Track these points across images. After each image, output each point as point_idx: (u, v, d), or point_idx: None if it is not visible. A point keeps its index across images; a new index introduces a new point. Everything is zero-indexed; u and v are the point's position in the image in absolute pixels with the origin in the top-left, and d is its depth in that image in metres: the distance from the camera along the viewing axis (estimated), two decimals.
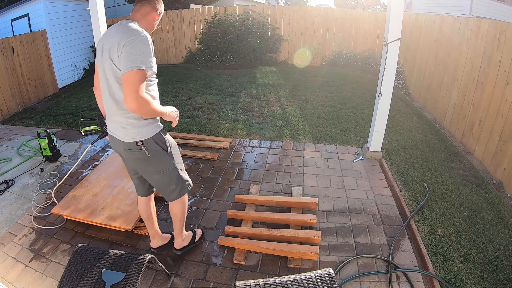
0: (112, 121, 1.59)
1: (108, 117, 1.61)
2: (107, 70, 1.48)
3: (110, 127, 1.63)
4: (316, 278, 1.36)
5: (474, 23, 3.75)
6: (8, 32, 6.21)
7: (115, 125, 1.58)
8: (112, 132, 1.63)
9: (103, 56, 1.48)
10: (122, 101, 1.49)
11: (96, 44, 1.62)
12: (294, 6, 8.98)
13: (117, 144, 1.63)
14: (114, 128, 1.60)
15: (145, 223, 2.07)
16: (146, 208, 2.00)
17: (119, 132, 1.57)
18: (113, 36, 1.43)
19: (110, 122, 1.62)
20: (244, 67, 7.66)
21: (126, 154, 1.62)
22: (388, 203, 2.65)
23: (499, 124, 3.11)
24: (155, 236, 2.11)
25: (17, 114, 5.10)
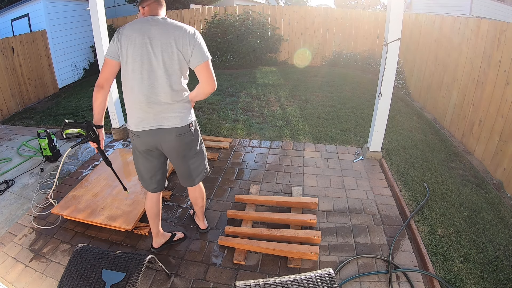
0: (158, 113, 1.62)
1: (152, 110, 1.61)
2: (169, 63, 1.57)
3: (155, 122, 1.63)
4: (316, 278, 1.36)
5: (474, 23, 3.75)
6: (8, 32, 6.22)
7: (166, 113, 1.63)
8: (156, 125, 1.64)
9: (159, 51, 1.54)
10: (180, 89, 1.65)
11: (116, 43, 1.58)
12: (294, 6, 8.98)
13: (165, 136, 1.67)
14: (160, 118, 1.63)
15: (153, 221, 2.05)
16: (157, 204, 2.01)
17: (174, 121, 1.66)
18: (170, 33, 1.55)
19: (152, 116, 1.62)
20: (244, 67, 7.66)
21: (177, 141, 1.70)
22: (388, 203, 2.65)
23: (499, 124, 3.11)
24: (158, 234, 2.12)
25: (17, 114, 5.10)
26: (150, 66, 1.56)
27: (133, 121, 1.66)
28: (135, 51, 1.55)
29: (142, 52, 1.55)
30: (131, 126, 1.68)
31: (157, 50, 1.54)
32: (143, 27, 1.56)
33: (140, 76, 1.57)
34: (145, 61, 1.55)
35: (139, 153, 1.79)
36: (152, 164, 1.83)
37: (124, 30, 1.57)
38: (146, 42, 1.54)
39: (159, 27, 1.56)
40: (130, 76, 1.58)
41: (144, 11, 1.70)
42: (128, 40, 1.55)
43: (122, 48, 1.56)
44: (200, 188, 2.07)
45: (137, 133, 1.67)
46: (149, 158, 1.80)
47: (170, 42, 1.54)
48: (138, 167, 1.88)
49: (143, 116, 1.63)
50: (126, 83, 1.62)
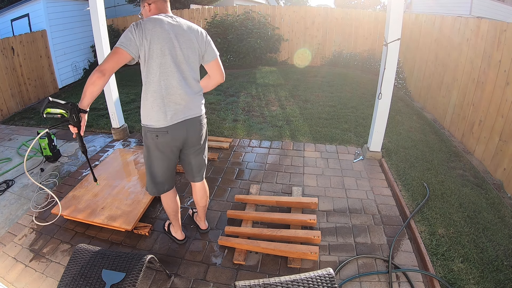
0: (187, 104, 1.69)
1: (183, 102, 1.67)
2: (192, 58, 1.68)
3: (184, 112, 1.69)
4: (316, 278, 1.36)
5: (474, 23, 3.75)
6: (8, 32, 6.22)
7: (192, 103, 1.72)
8: (186, 115, 1.70)
9: (184, 47, 1.63)
10: (199, 81, 1.77)
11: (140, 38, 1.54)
12: (294, 6, 8.98)
13: (192, 125, 1.75)
14: (188, 108, 1.71)
15: (175, 216, 2.09)
16: (177, 199, 2.06)
17: (197, 110, 1.76)
18: (188, 30, 1.66)
19: (182, 108, 1.67)
20: (244, 67, 7.66)
21: (200, 129, 1.82)
22: (388, 203, 2.65)
23: (499, 124, 3.11)
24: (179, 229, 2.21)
25: (17, 114, 5.10)
26: (178, 61, 1.62)
27: (162, 117, 1.64)
28: (163, 46, 1.56)
29: (169, 46, 1.58)
30: (159, 123, 1.65)
31: (183, 45, 1.62)
32: (165, 23, 1.59)
33: (171, 70, 1.61)
34: (173, 55, 1.60)
35: (160, 153, 1.75)
36: (170, 163, 1.83)
37: (147, 25, 1.54)
38: (172, 38, 1.59)
39: (180, 24, 1.65)
40: (159, 71, 1.58)
41: (150, 8, 1.69)
42: (153, 34, 1.54)
43: (147, 42, 1.54)
44: (206, 184, 2.14)
45: (165, 128, 1.66)
46: (170, 155, 1.79)
47: (191, 39, 1.66)
48: (155, 170, 1.82)
49: (176, 108, 1.66)
50: (153, 78, 1.59)
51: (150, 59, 1.57)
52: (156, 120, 1.65)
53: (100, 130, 4.19)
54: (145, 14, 1.72)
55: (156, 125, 1.66)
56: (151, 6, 1.69)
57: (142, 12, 1.74)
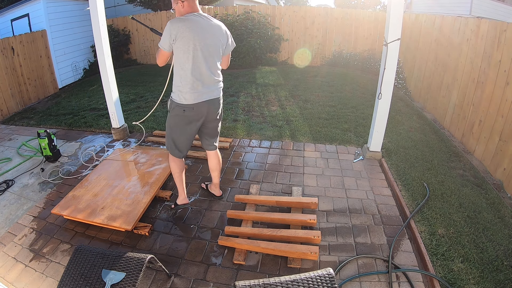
0: (211, 87, 2.11)
1: (208, 86, 2.08)
2: (218, 51, 2.08)
3: (209, 94, 2.10)
4: (316, 278, 1.36)
5: (474, 23, 3.75)
6: (8, 32, 6.22)
7: (214, 87, 2.13)
8: (209, 96, 2.11)
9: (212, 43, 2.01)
10: (220, 69, 2.18)
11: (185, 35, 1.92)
12: (294, 6, 8.98)
13: (212, 104, 2.16)
14: (212, 91, 2.12)
15: (180, 177, 2.41)
16: (183, 162, 2.42)
17: (217, 92, 2.18)
18: (215, 28, 2.04)
19: (207, 90, 2.09)
20: (244, 67, 7.66)
21: (218, 107, 2.23)
22: (388, 203, 2.65)
23: (499, 124, 3.11)
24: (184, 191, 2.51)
25: (17, 114, 5.10)
26: (206, 55, 1.99)
27: (191, 97, 2.04)
28: (196, 42, 1.93)
29: (201, 43, 1.95)
30: (188, 100, 2.05)
31: (211, 42, 2.00)
32: (199, 22, 1.95)
33: (201, 62, 1.99)
34: (204, 50, 1.97)
35: (185, 124, 2.15)
36: (192, 132, 2.22)
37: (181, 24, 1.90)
38: (203, 35, 1.95)
39: (208, 23, 2.00)
40: (192, 62, 1.97)
41: (183, 5, 1.98)
42: (187, 33, 1.90)
43: (182, 41, 1.91)
44: (219, 153, 2.55)
45: (192, 105, 2.07)
46: (191, 127, 2.19)
47: (218, 36, 2.05)
48: (179, 138, 2.23)
49: (202, 91, 2.06)
50: (188, 68, 1.98)
51: (185, 52, 1.94)
52: (185, 98, 2.04)
53: (100, 130, 4.19)
54: (178, 10, 2.01)
55: (185, 102, 2.05)
56: (184, 3, 1.97)
57: (175, 7, 2.01)
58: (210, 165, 2.58)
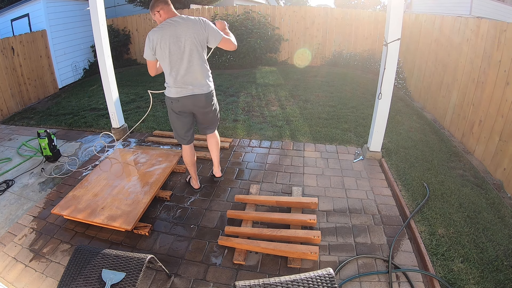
0: (193, 84, 2.26)
1: (193, 83, 2.26)
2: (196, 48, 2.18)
3: (191, 90, 2.27)
4: (316, 278, 1.36)
5: (474, 23, 3.75)
6: (8, 32, 6.22)
7: (199, 84, 2.28)
8: (192, 92, 2.28)
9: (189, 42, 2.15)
10: (204, 63, 2.29)
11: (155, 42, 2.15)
12: (294, 6, 8.98)
13: (197, 100, 2.32)
14: (193, 88, 2.27)
15: (192, 169, 2.70)
16: (194, 153, 2.67)
17: (203, 88, 2.31)
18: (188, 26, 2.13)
19: (190, 87, 2.26)
20: (244, 67, 7.66)
21: (205, 102, 2.37)
22: (388, 203, 2.65)
23: (499, 124, 3.11)
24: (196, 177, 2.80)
25: (17, 114, 5.10)
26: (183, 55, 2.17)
27: (174, 91, 2.28)
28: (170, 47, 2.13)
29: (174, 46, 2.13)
30: (172, 94, 2.30)
31: (186, 41, 2.13)
32: (167, 29, 2.11)
33: (178, 63, 2.18)
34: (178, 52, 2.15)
35: (176, 113, 2.40)
36: (185, 122, 2.45)
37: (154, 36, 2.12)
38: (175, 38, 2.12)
39: (181, 23, 2.13)
40: (170, 65, 2.19)
41: (160, 14, 2.16)
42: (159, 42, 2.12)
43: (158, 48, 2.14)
44: (217, 134, 2.75)
45: (176, 98, 2.30)
46: (184, 117, 2.43)
47: (192, 33, 2.14)
48: (175, 126, 2.50)
49: (182, 87, 2.26)
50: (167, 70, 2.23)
51: (163, 58, 2.19)
52: (171, 92, 2.30)
53: (100, 130, 4.19)
54: (157, 20, 2.19)
55: (170, 95, 2.31)
56: (160, 12, 2.16)
57: (155, 19, 2.20)
58: (209, 147, 2.79)
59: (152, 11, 2.18)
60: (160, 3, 2.16)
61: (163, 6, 2.16)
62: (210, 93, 2.39)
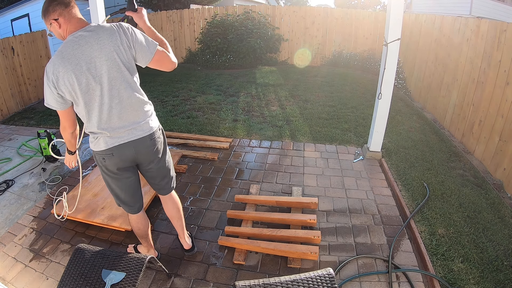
0: (131, 125, 1.53)
1: (126, 125, 1.52)
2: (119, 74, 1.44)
3: (128, 135, 1.53)
4: (316, 278, 1.36)
5: (474, 23, 3.75)
6: (8, 32, 6.22)
7: (134, 123, 1.53)
8: (131, 136, 1.54)
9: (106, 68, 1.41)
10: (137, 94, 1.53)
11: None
12: (294, 6, 8.99)
13: (139, 146, 1.58)
14: (130, 130, 1.53)
15: (145, 239, 1.93)
16: (146, 221, 1.90)
17: (144, 127, 1.57)
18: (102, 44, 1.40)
19: (123, 131, 1.52)
20: (244, 67, 7.66)
21: (150, 147, 1.61)
22: (388, 203, 2.65)
23: (499, 124, 3.11)
24: (151, 248, 2.04)
25: (17, 114, 5.10)
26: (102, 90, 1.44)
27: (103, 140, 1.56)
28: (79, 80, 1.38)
29: (87, 78, 1.39)
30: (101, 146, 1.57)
31: (103, 66, 1.40)
32: (72, 52, 1.36)
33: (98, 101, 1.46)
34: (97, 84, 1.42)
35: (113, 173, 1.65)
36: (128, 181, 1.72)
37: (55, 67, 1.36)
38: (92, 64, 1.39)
39: (93, 39, 1.38)
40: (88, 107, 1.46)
41: (59, 24, 1.40)
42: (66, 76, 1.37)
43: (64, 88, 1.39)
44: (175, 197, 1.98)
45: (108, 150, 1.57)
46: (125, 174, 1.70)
47: (110, 49, 1.40)
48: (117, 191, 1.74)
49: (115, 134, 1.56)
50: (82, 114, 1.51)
51: (74, 100, 1.45)
52: (98, 144, 1.54)
53: None
54: (58, 35, 1.45)
55: (99, 148, 1.54)
56: (59, 22, 1.39)
57: (51, 30, 1.44)
58: (166, 213, 1.98)
59: (47, 19, 1.40)
60: (56, 6, 1.37)
61: (61, 11, 1.38)
62: (155, 133, 1.62)
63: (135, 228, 1.88)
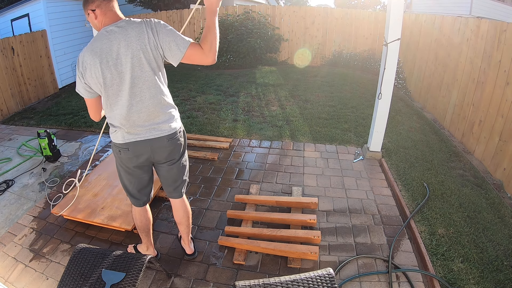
0: (150, 124, 1.54)
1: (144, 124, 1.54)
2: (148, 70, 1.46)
3: (144, 134, 1.55)
4: (316, 278, 1.36)
5: (474, 23, 3.75)
6: (8, 32, 6.21)
7: (154, 123, 1.55)
8: (146, 136, 1.56)
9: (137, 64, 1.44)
10: (167, 94, 1.57)
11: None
12: (294, 6, 8.98)
13: (155, 146, 1.59)
14: (148, 130, 1.55)
15: (146, 234, 1.95)
16: (149, 215, 1.92)
17: (162, 128, 1.57)
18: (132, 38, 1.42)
19: (141, 130, 1.54)
20: (244, 67, 7.66)
21: (167, 147, 1.63)
22: (388, 203, 2.65)
23: (499, 124, 3.11)
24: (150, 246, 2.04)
25: (17, 114, 5.10)
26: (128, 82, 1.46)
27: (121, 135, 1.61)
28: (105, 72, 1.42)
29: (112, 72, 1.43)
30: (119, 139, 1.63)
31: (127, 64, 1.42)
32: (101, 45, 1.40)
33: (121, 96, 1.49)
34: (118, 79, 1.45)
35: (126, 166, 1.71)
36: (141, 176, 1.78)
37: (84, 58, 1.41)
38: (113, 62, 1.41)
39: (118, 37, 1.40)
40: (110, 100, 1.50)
41: (96, 15, 1.44)
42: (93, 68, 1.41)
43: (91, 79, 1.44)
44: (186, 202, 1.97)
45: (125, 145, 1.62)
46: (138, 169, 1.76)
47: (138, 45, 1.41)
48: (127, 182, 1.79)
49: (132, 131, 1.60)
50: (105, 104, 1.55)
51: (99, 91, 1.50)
52: (116, 136, 1.57)
53: (100, 130, 4.18)
54: (94, 25, 1.49)
55: (117, 141, 1.58)
56: (96, 13, 1.43)
57: (89, 20, 1.49)
58: (175, 218, 1.98)
59: (85, 9, 1.45)
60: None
61: (100, 2, 1.42)
62: (175, 135, 1.63)
63: (137, 220, 1.90)
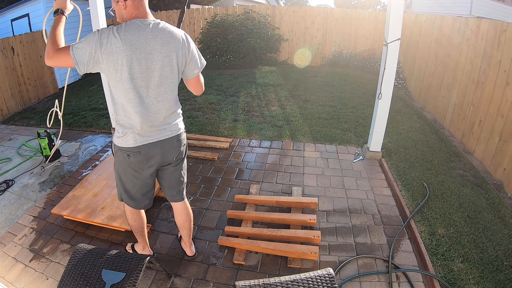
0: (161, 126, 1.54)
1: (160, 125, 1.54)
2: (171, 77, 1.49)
3: (159, 134, 1.54)
4: (316, 278, 1.36)
5: (474, 23, 3.75)
6: (8, 32, 6.22)
7: (166, 124, 1.56)
8: (160, 137, 1.55)
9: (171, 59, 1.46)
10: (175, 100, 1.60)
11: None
12: (294, 6, 8.98)
13: (167, 146, 1.59)
14: (163, 129, 1.56)
15: (140, 233, 1.93)
16: (142, 215, 1.90)
17: (173, 128, 1.60)
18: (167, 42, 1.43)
19: (156, 130, 1.53)
20: (244, 67, 7.66)
21: (175, 147, 1.64)
22: (388, 203, 2.65)
23: (499, 124, 3.11)
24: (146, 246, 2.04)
25: (17, 114, 5.10)
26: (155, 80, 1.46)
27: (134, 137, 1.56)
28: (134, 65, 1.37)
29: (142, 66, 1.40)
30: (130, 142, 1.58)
31: (160, 60, 1.43)
32: (141, 34, 1.36)
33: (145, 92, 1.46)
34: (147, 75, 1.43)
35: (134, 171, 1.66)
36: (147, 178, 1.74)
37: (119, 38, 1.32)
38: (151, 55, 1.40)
39: (157, 32, 1.40)
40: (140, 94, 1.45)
41: (126, 5, 1.39)
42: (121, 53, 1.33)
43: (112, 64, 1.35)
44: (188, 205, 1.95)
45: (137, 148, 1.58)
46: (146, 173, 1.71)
47: (170, 48, 1.44)
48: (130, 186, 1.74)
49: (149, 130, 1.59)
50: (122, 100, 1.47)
51: (120, 81, 1.39)
52: (127, 140, 1.52)
53: (100, 130, 4.19)
54: (119, 14, 1.45)
55: (127, 145, 1.52)
56: (127, 2, 1.39)
57: (115, 8, 1.44)
58: (177, 221, 1.96)
59: None
60: None
61: None
62: (181, 135, 1.66)
63: (130, 220, 1.86)
